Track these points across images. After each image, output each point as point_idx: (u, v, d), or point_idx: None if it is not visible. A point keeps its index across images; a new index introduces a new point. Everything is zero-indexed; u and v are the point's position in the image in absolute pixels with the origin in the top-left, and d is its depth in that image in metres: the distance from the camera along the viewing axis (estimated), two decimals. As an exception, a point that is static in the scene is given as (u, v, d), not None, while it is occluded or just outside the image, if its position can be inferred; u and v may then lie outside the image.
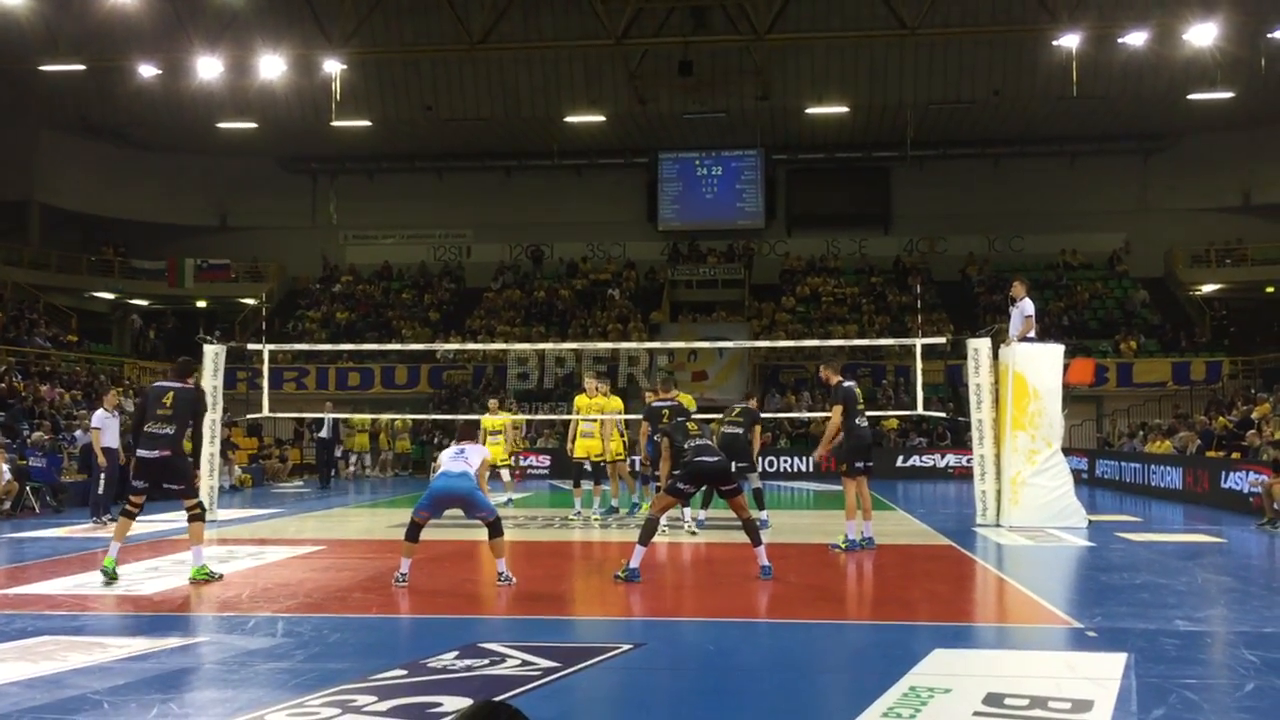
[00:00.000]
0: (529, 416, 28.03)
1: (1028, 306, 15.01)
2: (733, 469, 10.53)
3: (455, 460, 9.61)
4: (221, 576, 9.94)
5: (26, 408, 23.04)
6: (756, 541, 9.94)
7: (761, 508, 14.23)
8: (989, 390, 15.03)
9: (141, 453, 9.84)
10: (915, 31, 25.53)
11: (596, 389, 16.06)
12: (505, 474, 18.66)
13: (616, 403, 16.31)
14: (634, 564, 9.63)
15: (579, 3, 27.42)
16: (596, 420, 15.61)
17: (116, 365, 32.50)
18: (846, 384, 12.28)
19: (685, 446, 10.01)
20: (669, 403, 13.30)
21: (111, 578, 9.52)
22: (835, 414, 12.06)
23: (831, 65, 31.89)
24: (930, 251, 38.66)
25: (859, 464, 12.13)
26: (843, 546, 11.95)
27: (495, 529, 9.49)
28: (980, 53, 30.88)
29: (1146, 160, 37.38)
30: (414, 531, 9.53)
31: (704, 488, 10.66)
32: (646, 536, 9.80)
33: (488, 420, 18.31)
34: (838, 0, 28.88)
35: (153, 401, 9.89)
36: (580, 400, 16.07)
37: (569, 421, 16.54)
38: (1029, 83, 31.21)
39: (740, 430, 14.11)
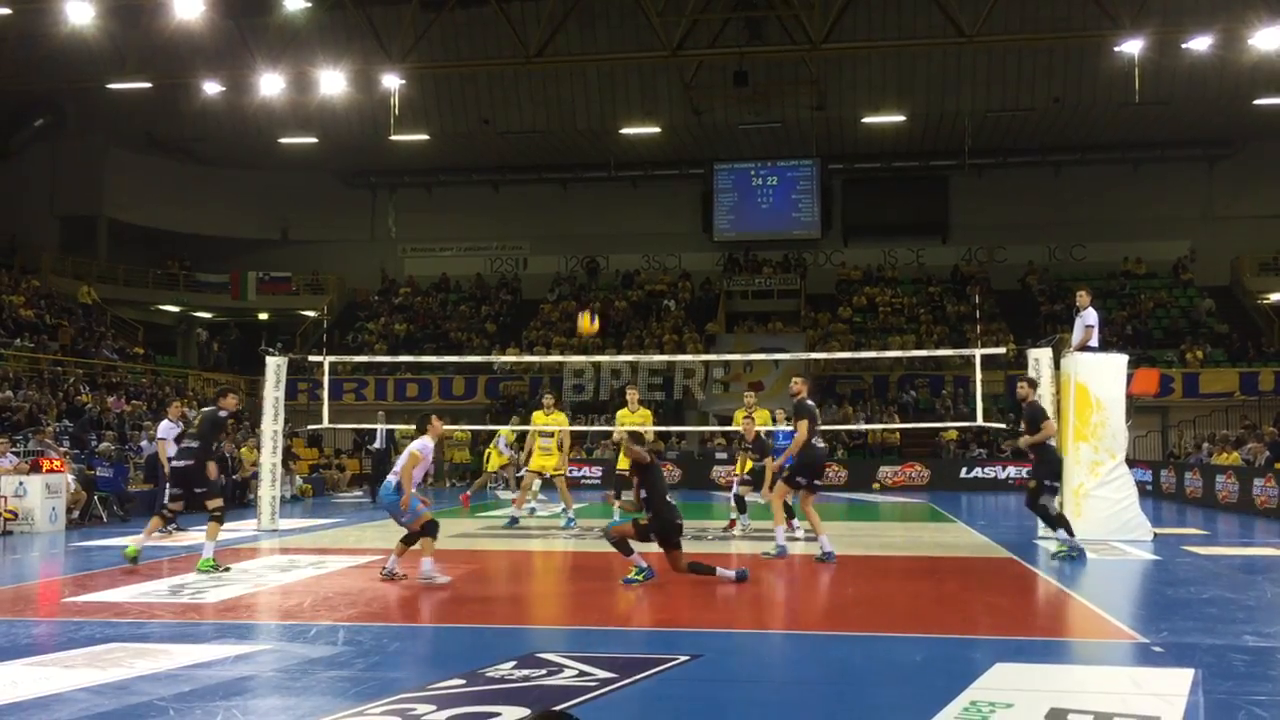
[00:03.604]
0: (585, 428, 28.07)
1: (1090, 316, 14.77)
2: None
3: (392, 473, 10.50)
4: (229, 569, 11.10)
5: (94, 418, 23.55)
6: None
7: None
8: (1051, 401, 14.81)
9: (176, 463, 11.80)
10: (973, 39, 25.25)
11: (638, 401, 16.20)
12: (561, 484, 18.35)
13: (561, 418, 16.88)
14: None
15: (634, 15, 27.51)
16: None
17: (181, 377, 33.11)
18: (809, 402, 12.41)
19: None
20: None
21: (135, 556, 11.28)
22: (801, 428, 12.00)
23: (888, 74, 31.70)
24: (989, 261, 38.25)
25: (801, 479, 12.12)
26: (772, 553, 11.92)
27: (411, 539, 10.33)
28: (1040, 60, 30.51)
29: (1212, 167, 36.71)
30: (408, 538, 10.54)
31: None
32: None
33: (540, 417, 16.96)
34: (894, 9, 28.68)
35: (192, 421, 12.29)
36: (623, 414, 16.06)
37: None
38: (1090, 89, 30.79)
39: None
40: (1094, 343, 14.79)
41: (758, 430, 15.01)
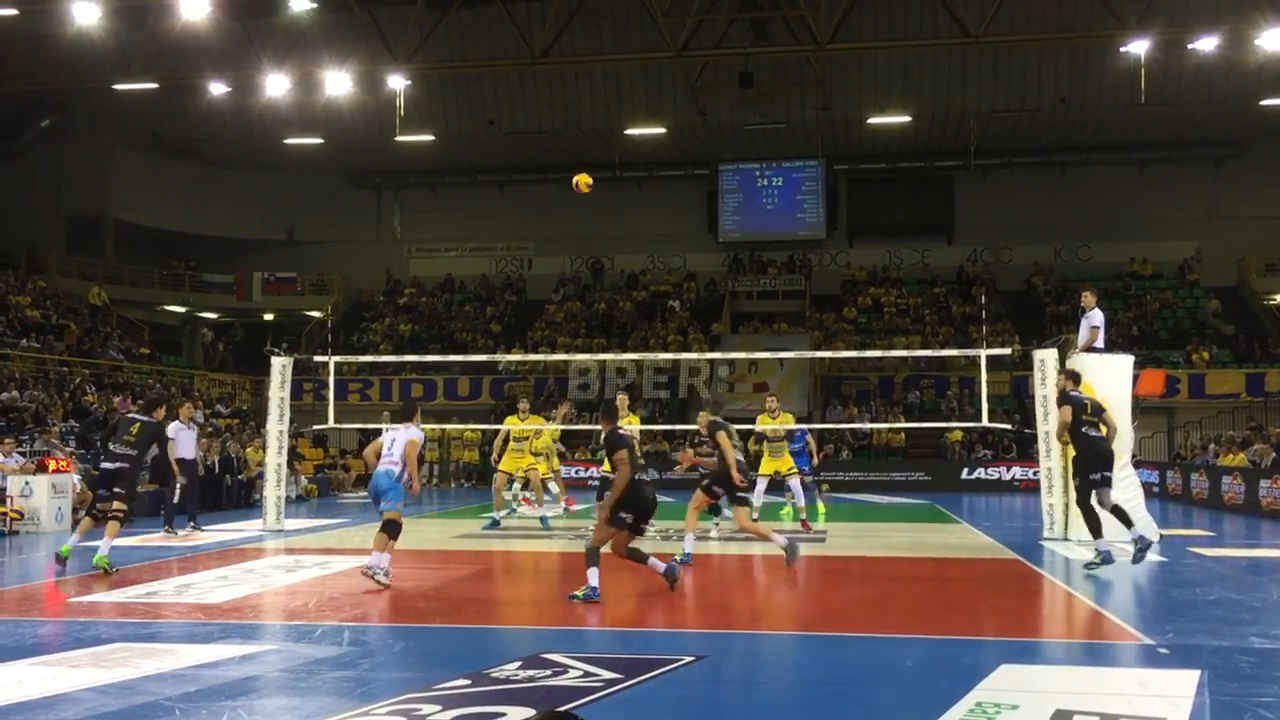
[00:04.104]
0: (587, 427, 28.00)
1: (1096, 317, 14.74)
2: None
3: (384, 459, 10.21)
4: (117, 571, 11.04)
5: (100, 418, 23.57)
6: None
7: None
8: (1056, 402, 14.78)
9: (106, 465, 11.84)
10: (979, 39, 25.22)
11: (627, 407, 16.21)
12: (554, 486, 18.25)
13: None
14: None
15: (639, 16, 27.50)
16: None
17: (187, 377, 33.14)
18: (720, 420, 12.10)
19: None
20: None
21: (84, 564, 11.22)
22: (724, 443, 11.38)
23: (893, 74, 31.68)
24: (995, 261, 38.21)
25: (719, 489, 11.85)
26: (679, 558, 11.61)
27: (389, 528, 9.97)
28: (1045, 60, 30.46)
29: (1218, 167, 36.63)
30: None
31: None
32: None
33: (514, 422, 16.75)
34: (900, 9, 28.65)
35: (122, 427, 11.96)
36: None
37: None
38: (1096, 90, 30.73)
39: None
40: (1099, 343, 14.77)
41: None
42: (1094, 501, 11.44)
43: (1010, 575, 11.55)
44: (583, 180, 14.25)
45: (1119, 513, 11.44)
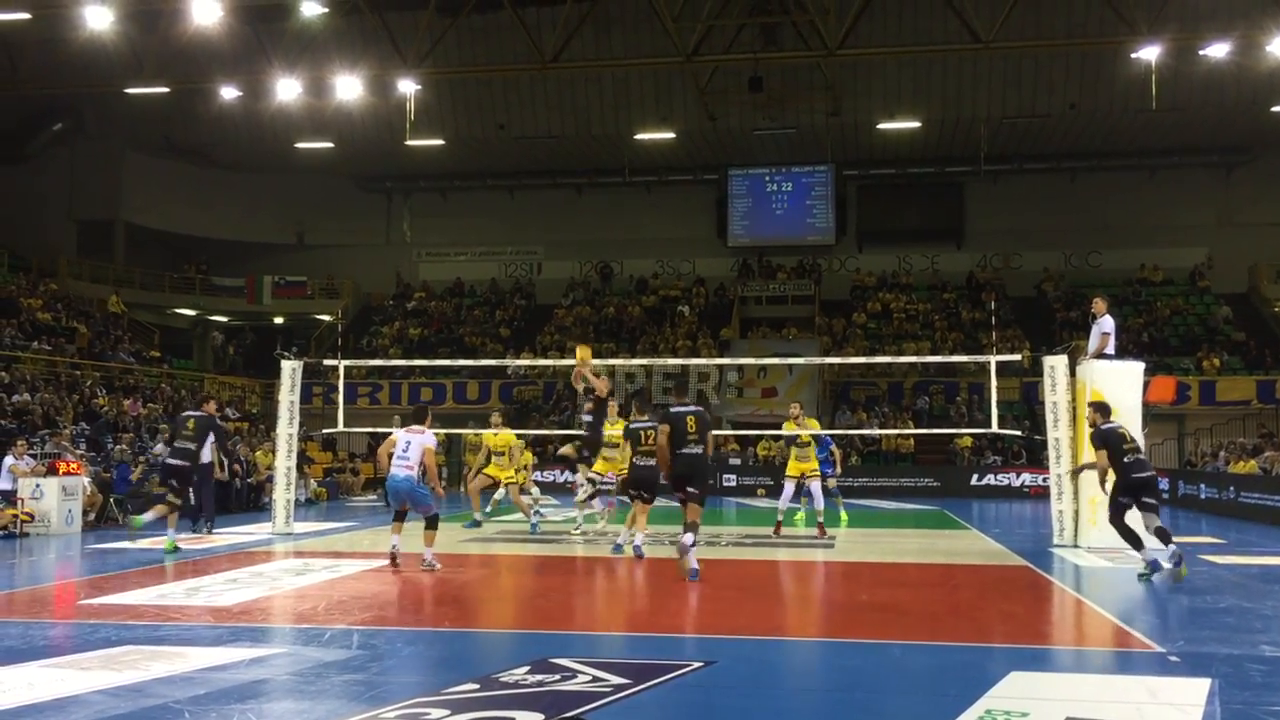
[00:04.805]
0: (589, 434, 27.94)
1: (1107, 323, 14.71)
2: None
3: (399, 463, 11.33)
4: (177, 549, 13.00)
5: (110, 421, 23.65)
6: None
7: None
8: (1066, 408, 14.76)
9: (171, 461, 13.74)
10: (989, 45, 25.19)
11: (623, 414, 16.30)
12: (535, 490, 17.95)
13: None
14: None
15: (650, 21, 27.54)
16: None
17: (197, 380, 33.22)
18: (632, 425, 12.47)
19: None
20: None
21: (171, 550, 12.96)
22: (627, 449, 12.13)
23: (903, 80, 31.65)
24: (1005, 267, 38.14)
25: (631, 491, 12.48)
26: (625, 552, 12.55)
27: (431, 523, 11.45)
28: (1056, 66, 30.43)
29: (1229, 174, 36.54)
30: (398, 516, 11.74)
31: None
32: None
33: (489, 437, 17.24)
34: (910, 15, 28.64)
35: (181, 426, 14.07)
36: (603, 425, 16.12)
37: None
38: (1106, 96, 30.69)
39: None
40: (1110, 350, 14.73)
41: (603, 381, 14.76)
42: (1138, 521, 11.45)
43: (1020, 582, 11.52)
44: (583, 354, 15.27)
45: (1138, 536, 11.27)
